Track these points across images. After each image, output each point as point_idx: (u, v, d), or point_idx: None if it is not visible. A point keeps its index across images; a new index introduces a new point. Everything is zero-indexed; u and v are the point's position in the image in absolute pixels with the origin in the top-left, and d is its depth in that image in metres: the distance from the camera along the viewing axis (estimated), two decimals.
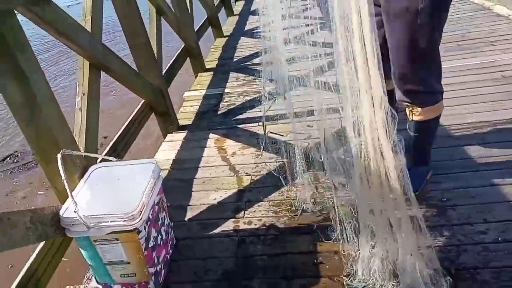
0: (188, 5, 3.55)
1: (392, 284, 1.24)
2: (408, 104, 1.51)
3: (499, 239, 1.42)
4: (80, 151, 1.53)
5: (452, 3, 1.42)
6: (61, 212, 1.27)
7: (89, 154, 1.45)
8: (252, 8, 5.93)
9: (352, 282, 1.32)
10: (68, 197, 1.32)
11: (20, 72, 1.21)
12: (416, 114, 1.52)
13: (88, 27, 1.77)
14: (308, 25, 1.48)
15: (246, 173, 2.04)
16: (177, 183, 2.04)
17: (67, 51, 7.07)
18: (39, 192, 3.22)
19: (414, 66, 1.41)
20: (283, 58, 1.59)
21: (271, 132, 2.30)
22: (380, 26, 1.46)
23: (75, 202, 1.24)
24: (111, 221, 1.25)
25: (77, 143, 1.54)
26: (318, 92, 1.46)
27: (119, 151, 1.93)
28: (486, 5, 4.15)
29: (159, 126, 2.58)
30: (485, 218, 1.51)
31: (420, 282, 1.19)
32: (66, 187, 1.25)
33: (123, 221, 1.24)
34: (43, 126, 1.30)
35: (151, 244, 1.37)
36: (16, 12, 1.25)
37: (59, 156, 1.28)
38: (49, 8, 1.41)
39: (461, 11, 4.10)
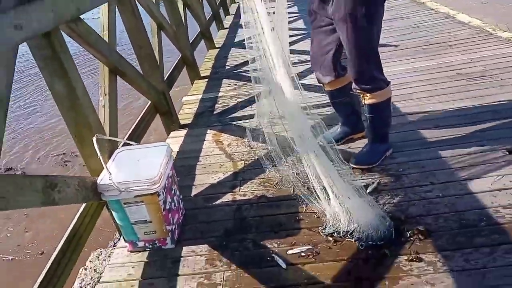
0: (183, 20, 3.96)
1: (354, 226, 1.62)
2: (359, 90, 1.92)
3: (440, 195, 1.81)
4: (104, 137, 1.90)
5: (421, 13, 1.84)
6: (98, 181, 1.63)
7: (116, 139, 1.82)
8: (240, 22, 6.39)
9: (325, 229, 1.70)
10: (99, 173, 1.70)
11: (64, 71, 1.59)
12: (366, 99, 1.94)
13: (106, 39, 2.15)
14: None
15: (240, 158, 2.42)
16: (182, 169, 2.40)
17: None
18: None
19: (357, 59, 1.84)
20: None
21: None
22: (334, 31, 1.88)
23: (109, 172, 1.61)
24: (137, 186, 1.61)
25: None
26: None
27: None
28: (451, 14, 4.64)
29: (163, 124, 2.95)
30: (431, 181, 1.91)
31: (371, 223, 1.58)
32: (101, 160, 1.61)
33: (147, 185, 1.61)
34: (80, 113, 1.67)
35: (167, 206, 1.74)
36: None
37: (94, 138, 1.65)
38: (81, 24, 1.79)
39: (428, 20, 4.57)
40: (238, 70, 4.15)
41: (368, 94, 1.94)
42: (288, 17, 6.12)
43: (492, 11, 4.94)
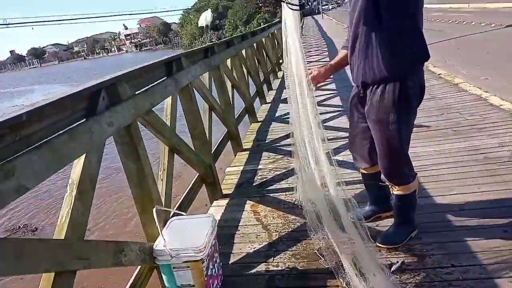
0: (231, 99, 4.47)
1: None
2: (388, 183, 2.15)
3: (460, 278, 1.93)
4: (162, 208, 2.24)
5: (454, 94, 2.07)
6: (154, 246, 1.94)
7: (171, 210, 2.15)
8: (282, 97, 6.92)
9: None
10: (154, 239, 2.01)
11: (137, 155, 1.98)
12: (395, 190, 2.15)
13: (168, 123, 2.59)
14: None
15: (275, 230, 2.66)
16: (223, 237, 2.66)
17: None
18: None
19: (389, 158, 2.06)
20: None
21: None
22: (368, 129, 2.14)
23: (165, 239, 1.92)
24: (186, 253, 1.90)
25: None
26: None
27: (182, 209, 2.62)
28: (483, 96, 4.84)
29: (207, 194, 3.29)
30: (452, 264, 2.04)
31: None
32: (159, 229, 1.93)
33: (194, 252, 1.89)
34: (145, 188, 2.03)
35: (209, 273, 1.99)
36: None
37: (154, 210, 1.99)
38: (151, 114, 2.23)
39: (461, 101, 4.80)
40: (277, 144, 4.51)
41: (396, 187, 2.16)
42: (327, 94, 6.60)
43: None
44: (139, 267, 1.99)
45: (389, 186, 2.18)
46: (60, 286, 1.32)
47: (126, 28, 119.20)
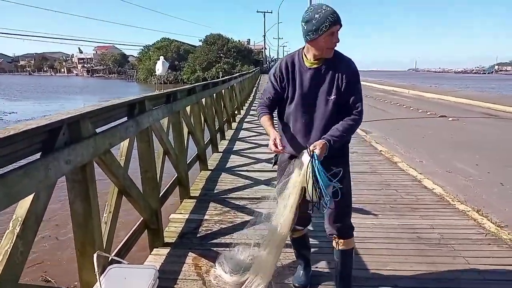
0: (185, 145, 4.46)
1: None
2: (335, 236, 2.26)
3: None
4: (104, 254, 2.12)
5: (393, 171, 2.26)
6: None
7: (113, 257, 2.04)
8: (234, 149, 7.02)
9: None
10: (89, 286, 1.89)
11: (87, 194, 1.90)
12: (340, 245, 2.27)
13: (122, 164, 2.52)
14: None
15: None
16: None
17: None
18: None
19: (343, 209, 2.23)
20: None
21: None
22: None
23: None
24: None
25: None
26: None
27: (121, 256, 2.48)
28: (418, 178, 5.27)
29: (148, 239, 3.15)
30: None
31: None
32: (97, 277, 1.82)
33: None
34: (89, 231, 1.93)
35: None
36: None
37: (95, 255, 1.89)
38: (109, 154, 2.17)
39: (398, 179, 5.18)
40: (225, 196, 4.51)
41: (342, 241, 2.28)
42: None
43: (454, 181, 5.62)
44: None
45: (335, 243, 2.28)
46: None
47: (81, 52, 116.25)
